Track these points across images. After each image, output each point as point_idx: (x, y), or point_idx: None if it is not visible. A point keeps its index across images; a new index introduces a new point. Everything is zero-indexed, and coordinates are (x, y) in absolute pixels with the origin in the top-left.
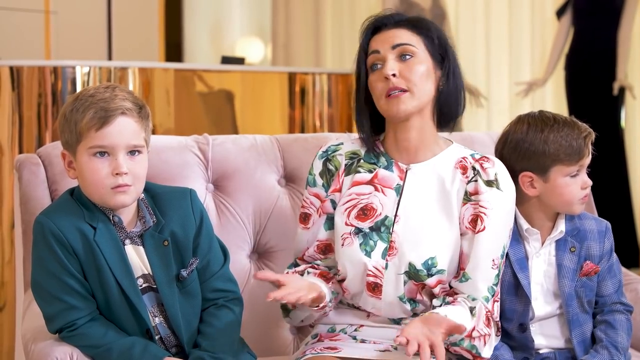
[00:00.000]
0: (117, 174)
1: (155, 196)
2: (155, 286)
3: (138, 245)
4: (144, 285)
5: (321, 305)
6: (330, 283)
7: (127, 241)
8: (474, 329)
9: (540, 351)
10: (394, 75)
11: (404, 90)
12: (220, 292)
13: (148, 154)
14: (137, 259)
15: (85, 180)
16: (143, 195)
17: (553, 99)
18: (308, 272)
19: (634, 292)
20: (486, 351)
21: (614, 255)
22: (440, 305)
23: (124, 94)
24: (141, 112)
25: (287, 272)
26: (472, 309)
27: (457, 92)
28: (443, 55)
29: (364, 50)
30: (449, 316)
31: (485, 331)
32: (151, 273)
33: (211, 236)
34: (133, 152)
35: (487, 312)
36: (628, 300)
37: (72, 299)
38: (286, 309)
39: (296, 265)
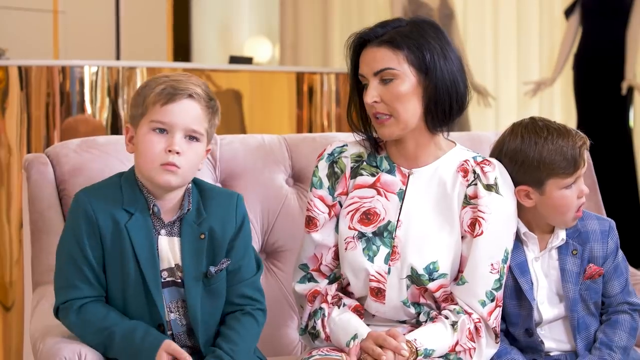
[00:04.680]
0: (169, 150)
1: (203, 191)
2: (179, 281)
3: (173, 236)
4: (167, 279)
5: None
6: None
7: (163, 231)
8: (457, 343)
9: (551, 353)
10: (375, 102)
11: (388, 115)
12: (248, 299)
13: (207, 154)
14: (168, 250)
15: (139, 153)
16: (191, 186)
17: (561, 99)
18: (344, 305)
19: None
20: None
21: (620, 254)
22: (426, 321)
23: (197, 81)
24: (209, 103)
25: (316, 300)
26: (454, 324)
27: (446, 96)
28: (427, 64)
29: (354, 66)
30: (424, 344)
31: (469, 345)
32: (180, 264)
33: (248, 243)
34: (191, 137)
35: (476, 322)
36: (637, 298)
37: (77, 281)
38: (315, 336)
39: (311, 279)
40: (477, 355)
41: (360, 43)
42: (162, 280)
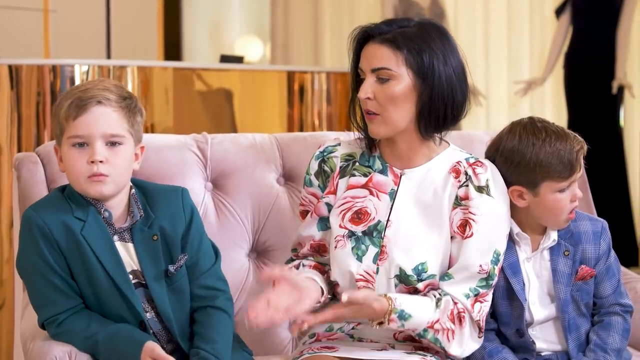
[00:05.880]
0: (92, 162)
1: (147, 193)
2: (144, 282)
3: (126, 242)
4: (134, 281)
5: (322, 300)
6: (325, 275)
7: (116, 237)
8: (437, 321)
9: (542, 353)
10: (368, 98)
11: (378, 114)
12: (211, 290)
13: (142, 151)
14: (126, 255)
15: (67, 171)
16: (134, 191)
17: (552, 98)
18: (303, 265)
19: (633, 291)
20: (454, 348)
21: (612, 254)
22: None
23: (106, 84)
24: (124, 103)
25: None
26: (438, 301)
27: (441, 104)
28: (426, 70)
29: (356, 60)
30: (402, 306)
31: (448, 325)
32: (140, 269)
33: (201, 234)
34: (113, 142)
35: (460, 311)
36: (630, 299)
37: (52, 295)
38: None
39: (292, 261)
40: (457, 342)
41: (365, 37)
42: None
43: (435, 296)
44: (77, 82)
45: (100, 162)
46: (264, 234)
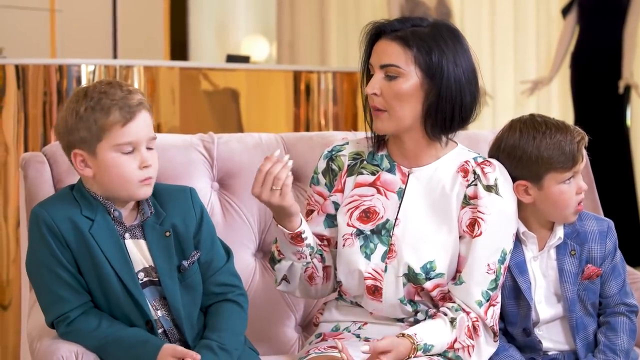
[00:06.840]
0: (145, 167)
1: (156, 192)
2: (156, 279)
3: (138, 238)
4: (145, 279)
5: (297, 230)
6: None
7: (127, 235)
8: (455, 340)
9: (549, 353)
10: (375, 94)
11: (384, 110)
12: (226, 286)
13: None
14: (138, 252)
15: (111, 176)
16: None
17: (558, 98)
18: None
19: (639, 291)
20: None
21: (618, 254)
22: (425, 319)
23: (129, 88)
24: (148, 104)
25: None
26: (452, 321)
27: (448, 104)
28: (434, 69)
29: (368, 55)
30: (424, 339)
31: (467, 343)
32: (153, 265)
33: (213, 233)
34: (150, 146)
35: (473, 321)
36: (636, 299)
37: (62, 291)
38: (273, 260)
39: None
40: (476, 353)
41: (377, 33)
42: (140, 282)
43: (446, 315)
44: (84, 81)
45: (150, 165)
46: (270, 234)
